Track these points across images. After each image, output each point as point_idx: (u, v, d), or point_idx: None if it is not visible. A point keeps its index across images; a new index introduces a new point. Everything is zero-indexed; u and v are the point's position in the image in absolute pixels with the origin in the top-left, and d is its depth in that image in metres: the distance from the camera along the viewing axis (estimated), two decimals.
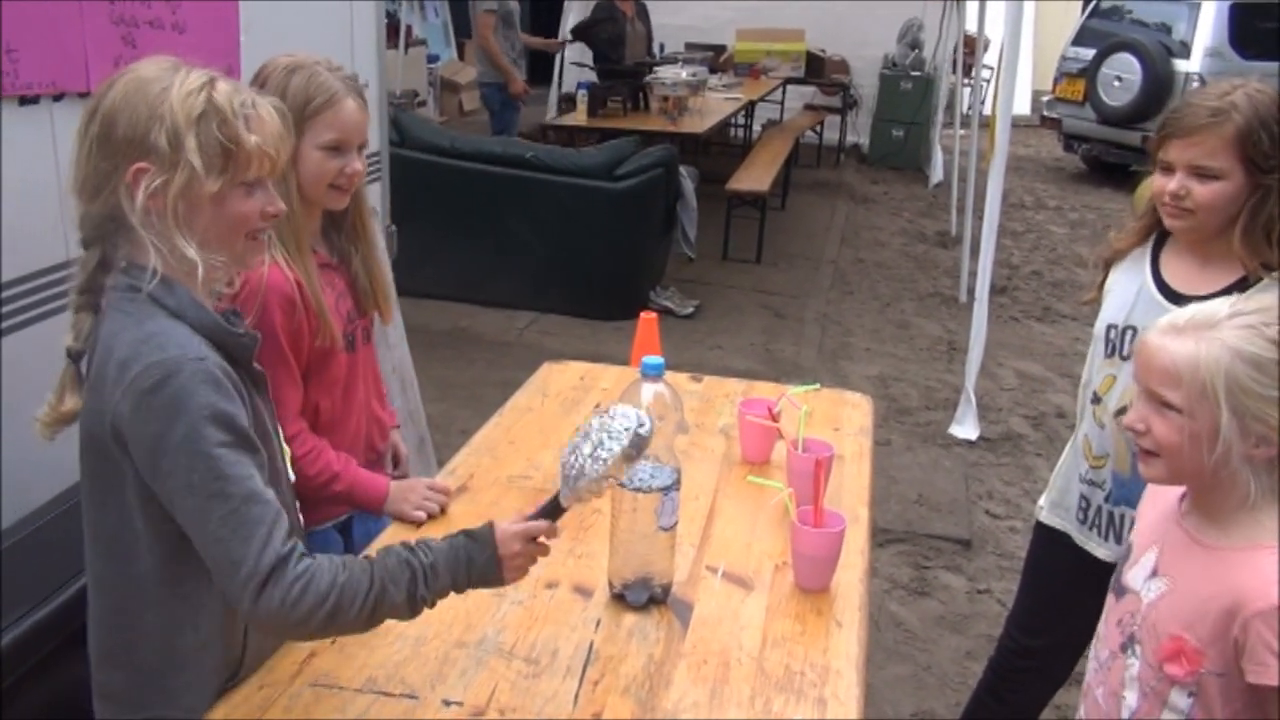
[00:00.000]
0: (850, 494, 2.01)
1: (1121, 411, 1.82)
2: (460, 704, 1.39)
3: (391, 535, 1.81)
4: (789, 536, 1.73)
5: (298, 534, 1.35)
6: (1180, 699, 1.38)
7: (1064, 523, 2.08)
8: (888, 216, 8.69)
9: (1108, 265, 2.00)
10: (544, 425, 2.25)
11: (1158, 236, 1.91)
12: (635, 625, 1.59)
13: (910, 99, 10.31)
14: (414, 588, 1.33)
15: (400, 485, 1.93)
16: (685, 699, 1.43)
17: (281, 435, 1.53)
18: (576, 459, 1.42)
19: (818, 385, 2.20)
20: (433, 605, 1.37)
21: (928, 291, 6.69)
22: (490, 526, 1.39)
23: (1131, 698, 1.44)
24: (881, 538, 3.69)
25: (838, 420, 2.35)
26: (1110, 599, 1.54)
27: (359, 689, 1.40)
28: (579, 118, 7.07)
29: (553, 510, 1.44)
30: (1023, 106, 13.12)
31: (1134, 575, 1.48)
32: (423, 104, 9.15)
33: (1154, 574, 1.44)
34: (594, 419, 1.43)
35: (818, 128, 10.23)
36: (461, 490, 1.94)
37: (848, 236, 7.92)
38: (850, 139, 10.91)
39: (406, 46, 9.51)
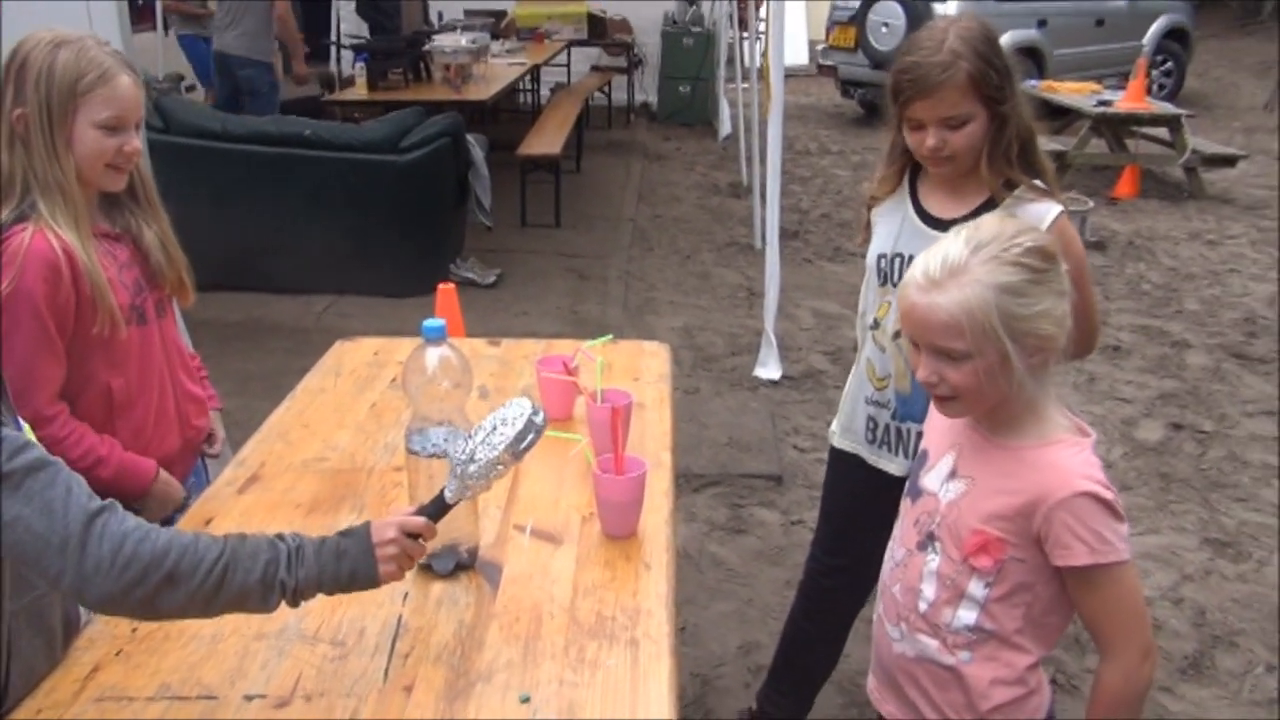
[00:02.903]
0: (653, 439, 2.04)
1: (899, 334, 1.92)
2: (263, 696, 1.34)
3: None
4: (593, 487, 1.74)
5: None
6: (978, 588, 1.48)
7: (854, 445, 2.18)
8: (682, 171, 8.84)
9: (869, 208, 2.09)
10: (339, 405, 2.18)
11: (911, 171, 2.01)
12: (444, 593, 1.57)
13: (693, 55, 10.48)
14: (273, 569, 1.24)
15: (168, 480, 1.87)
16: (499, 658, 1.42)
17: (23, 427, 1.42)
18: (468, 445, 1.40)
19: (611, 336, 2.21)
20: (295, 601, 1.28)
21: (725, 241, 6.85)
22: (366, 523, 1.34)
23: (929, 590, 1.54)
24: (697, 482, 3.78)
25: (637, 370, 2.38)
26: (906, 503, 1.63)
27: (151, 697, 1.33)
28: (359, 91, 6.84)
29: (436, 508, 1.40)
30: (800, 56, 13.55)
31: (931, 478, 1.58)
32: (191, 88, 8.62)
33: (953, 475, 1.53)
34: (488, 416, 1.42)
35: (606, 88, 10.29)
36: (253, 480, 1.86)
37: (644, 194, 8.01)
38: (639, 98, 11.02)
39: (167, 29, 8.92)
